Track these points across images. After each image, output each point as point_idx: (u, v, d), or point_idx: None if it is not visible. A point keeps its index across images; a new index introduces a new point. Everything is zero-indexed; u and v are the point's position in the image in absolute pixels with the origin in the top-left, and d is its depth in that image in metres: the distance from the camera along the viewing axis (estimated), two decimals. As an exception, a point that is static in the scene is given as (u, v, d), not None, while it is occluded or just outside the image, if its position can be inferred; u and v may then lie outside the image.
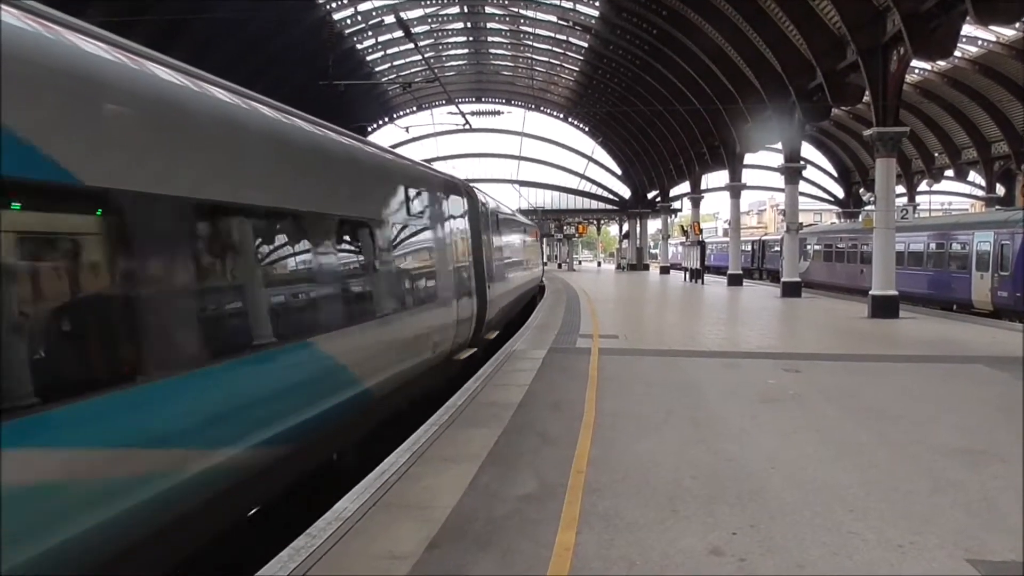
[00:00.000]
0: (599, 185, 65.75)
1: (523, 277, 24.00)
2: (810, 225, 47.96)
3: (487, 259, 14.82)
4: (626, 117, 48.15)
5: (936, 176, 46.81)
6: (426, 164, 13.60)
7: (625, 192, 64.63)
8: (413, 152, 53.83)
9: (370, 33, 42.48)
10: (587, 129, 62.99)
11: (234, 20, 26.54)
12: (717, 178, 47.19)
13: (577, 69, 50.17)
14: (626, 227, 67.80)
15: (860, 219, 38.42)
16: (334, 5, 37.68)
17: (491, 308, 14.67)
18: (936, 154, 44.89)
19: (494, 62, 54.93)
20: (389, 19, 38.39)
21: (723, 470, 6.11)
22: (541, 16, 42.31)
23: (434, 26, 45.24)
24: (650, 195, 60.40)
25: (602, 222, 77.05)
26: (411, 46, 36.10)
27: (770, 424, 7.79)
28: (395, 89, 50.73)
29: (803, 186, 42.94)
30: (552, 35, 45.32)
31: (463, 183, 13.99)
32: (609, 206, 66.12)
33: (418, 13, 41.86)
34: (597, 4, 37.50)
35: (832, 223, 52.62)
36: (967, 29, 26.63)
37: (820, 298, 29.15)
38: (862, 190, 52.84)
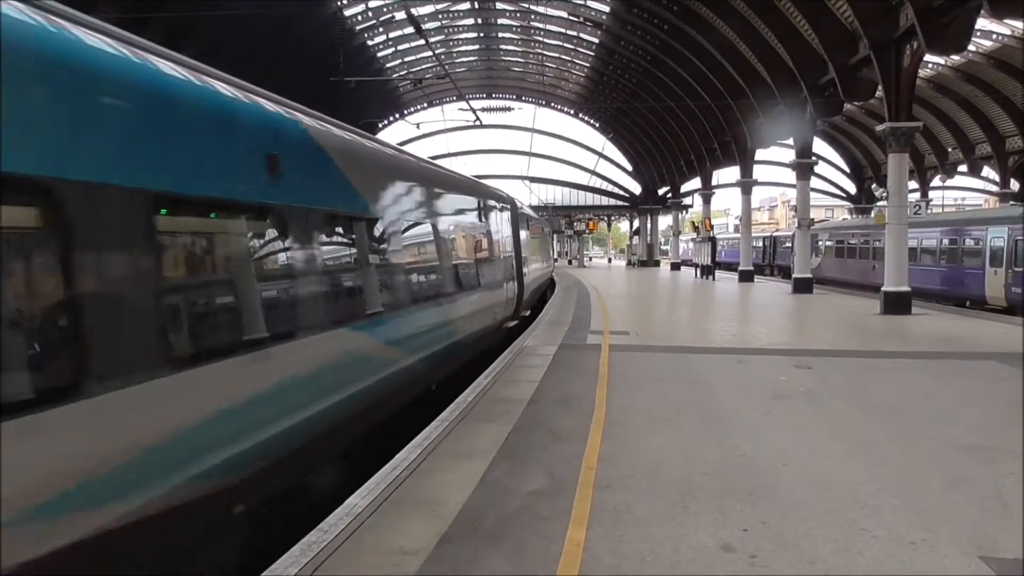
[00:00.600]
0: (610, 181, 65.63)
1: (542, 268, 28.18)
2: (821, 221, 47.73)
3: (521, 253, 18.48)
4: (637, 113, 48.02)
5: (949, 171, 46.47)
6: (480, 182, 17.27)
7: (636, 188, 64.48)
8: (424, 148, 54.04)
9: (381, 29, 42.52)
10: (598, 125, 62.85)
11: (245, 17, 26.59)
12: (728, 174, 47.08)
13: (588, 65, 50.03)
14: (637, 223, 67.62)
15: (872, 215, 38.15)
16: (345, 1, 37.74)
17: (525, 291, 18.46)
18: (949, 149, 44.55)
19: (505, 58, 54.85)
20: (400, 15, 38.41)
21: (734, 466, 6.10)
22: (552, 12, 42.20)
23: (445, 22, 45.24)
24: (661, 191, 60.28)
25: (613, 218, 76.91)
26: (422, 42, 36.09)
27: (781, 420, 7.77)
28: (406, 85, 50.79)
29: (815, 182, 42.70)
30: (563, 31, 45.22)
31: (507, 195, 18.53)
32: (620, 202, 65.98)
33: (429, 9, 41.87)
34: (608, 0, 37.41)
35: (844, 219, 52.34)
36: (981, 23, 26.40)
37: (832, 294, 29.02)
38: (874, 186, 52.50)
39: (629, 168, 64.67)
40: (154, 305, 4.06)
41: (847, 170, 56.65)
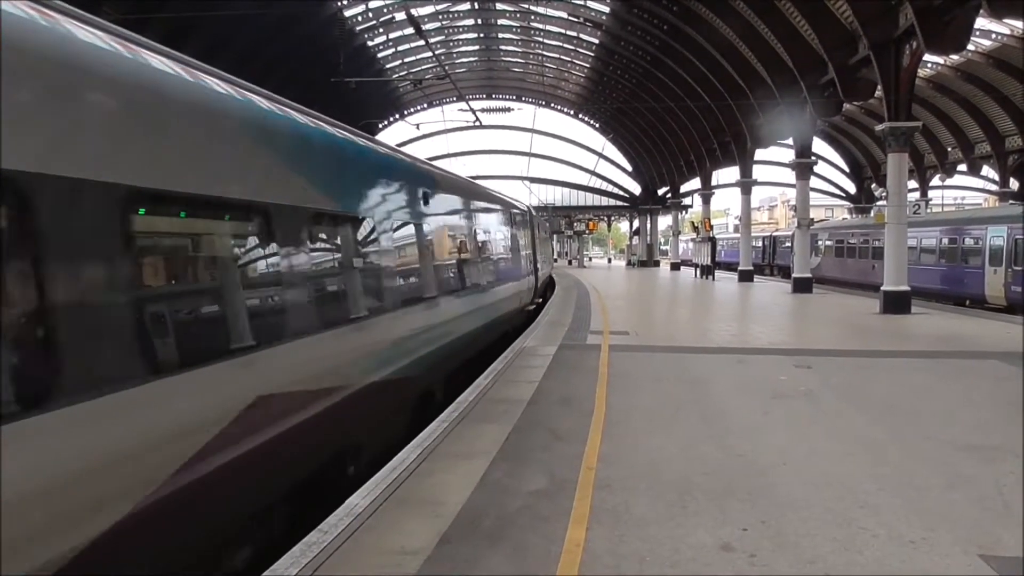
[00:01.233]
0: (610, 181, 65.57)
1: (547, 265, 33.69)
2: (821, 221, 47.72)
3: (536, 252, 23.47)
4: (637, 113, 48.00)
5: (949, 171, 46.44)
6: (511, 198, 21.57)
7: (636, 188, 64.44)
8: (424, 149, 54.04)
9: (381, 30, 42.50)
10: (598, 125, 62.81)
11: (245, 17, 26.59)
12: (728, 174, 47.06)
13: (588, 65, 49.99)
14: (636, 223, 67.59)
15: (872, 214, 38.16)
16: (345, 2, 37.73)
17: (539, 282, 23.66)
18: (949, 148, 44.55)
19: (505, 59, 54.79)
20: (400, 16, 38.41)
21: (733, 466, 6.11)
22: (552, 12, 42.19)
23: (445, 22, 45.22)
24: (661, 191, 60.24)
25: (612, 219, 76.86)
26: (422, 42, 36.07)
27: (781, 420, 7.78)
28: (406, 86, 50.70)
29: (814, 182, 42.73)
30: (563, 31, 45.20)
31: (525, 204, 24.12)
32: (620, 202, 65.88)
33: (429, 10, 41.84)
34: (608, 0, 37.40)
35: (844, 218, 52.33)
36: (980, 22, 26.41)
37: (831, 294, 29.03)
38: (874, 185, 52.50)
39: (629, 168, 64.63)
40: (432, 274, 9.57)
41: (847, 170, 56.63)
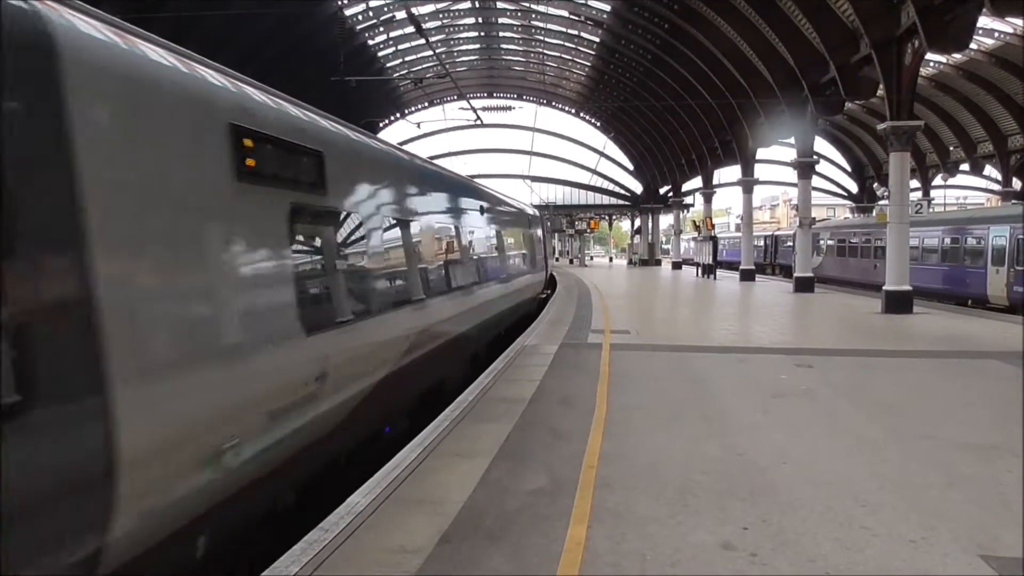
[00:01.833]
0: (611, 180, 65.52)
1: (551, 261, 38.71)
2: (823, 220, 47.68)
3: (547, 250, 28.24)
4: (638, 112, 47.97)
5: (951, 170, 46.33)
6: (526, 204, 26.16)
7: (637, 187, 64.35)
8: (425, 148, 54.05)
9: (381, 29, 42.48)
10: (599, 124, 62.75)
11: (246, 17, 26.60)
12: (729, 173, 46.90)
13: (589, 64, 49.94)
14: (638, 223, 67.54)
15: (874, 214, 38.14)
16: (346, 1, 37.71)
17: (547, 274, 27.43)
18: (951, 148, 44.47)
19: (505, 57, 54.75)
20: (400, 15, 38.40)
21: (734, 465, 6.11)
22: (553, 11, 42.17)
23: (445, 21, 45.19)
24: (662, 190, 60.12)
25: (614, 217, 76.80)
26: (422, 41, 36.07)
27: (782, 419, 7.77)
28: (406, 85, 50.71)
29: (816, 181, 42.66)
30: (564, 30, 45.18)
31: (536, 208, 28.44)
32: (621, 201, 65.81)
33: (429, 8, 41.82)
34: (609, -1, 37.39)
35: (846, 218, 52.29)
36: (983, 21, 26.34)
37: (833, 293, 29.00)
38: (876, 185, 52.44)
39: (630, 167, 64.53)
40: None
41: (849, 169, 56.56)
